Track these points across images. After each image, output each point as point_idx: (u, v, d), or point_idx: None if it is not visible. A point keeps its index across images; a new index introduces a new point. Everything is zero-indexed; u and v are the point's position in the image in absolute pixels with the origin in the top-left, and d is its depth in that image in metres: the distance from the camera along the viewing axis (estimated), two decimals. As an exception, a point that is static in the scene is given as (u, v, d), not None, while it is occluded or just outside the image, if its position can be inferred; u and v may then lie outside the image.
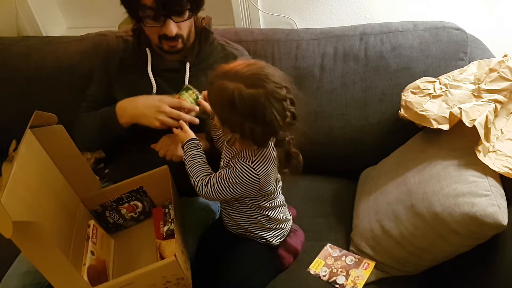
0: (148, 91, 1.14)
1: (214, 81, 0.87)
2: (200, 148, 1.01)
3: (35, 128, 0.97)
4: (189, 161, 0.99)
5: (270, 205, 1.01)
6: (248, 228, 1.04)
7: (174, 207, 1.03)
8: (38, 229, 0.74)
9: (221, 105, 0.86)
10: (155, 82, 1.14)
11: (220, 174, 0.94)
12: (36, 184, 0.92)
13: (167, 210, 1.12)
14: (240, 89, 0.82)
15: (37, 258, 0.79)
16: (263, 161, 0.92)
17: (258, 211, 1.01)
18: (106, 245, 1.08)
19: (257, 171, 0.91)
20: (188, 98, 1.07)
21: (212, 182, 0.94)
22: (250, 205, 1.00)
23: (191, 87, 1.08)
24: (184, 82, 1.14)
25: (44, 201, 0.94)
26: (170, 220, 1.08)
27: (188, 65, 1.15)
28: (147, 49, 1.15)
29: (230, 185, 0.92)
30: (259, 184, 0.92)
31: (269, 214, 1.02)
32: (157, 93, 1.14)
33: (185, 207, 1.18)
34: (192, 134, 1.02)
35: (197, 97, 1.07)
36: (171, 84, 1.16)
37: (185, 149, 1.00)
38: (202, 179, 0.96)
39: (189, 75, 1.14)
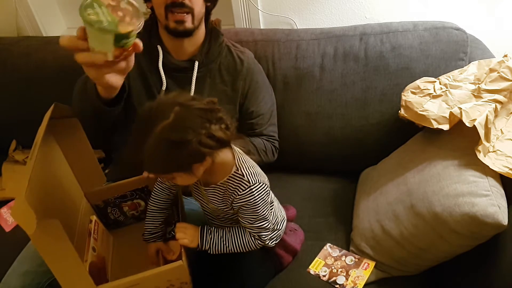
0: (157, 87, 1.14)
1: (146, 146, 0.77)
2: (212, 228, 0.97)
3: (51, 120, 0.93)
4: (222, 245, 0.96)
5: None
6: None
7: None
8: (57, 226, 0.72)
9: (167, 152, 0.76)
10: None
11: (250, 219, 0.92)
12: (49, 178, 0.92)
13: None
14: (162, 126, 0.75)
15: (50, 254, 0.76)
16: (251, 168, 0.91)
17: None
18: (106, 242, 1.07)
19: (260, 177, 0.91)
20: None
21: (258, 232, 0.94)
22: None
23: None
24: (192, 81, 1.13)
25: (54, 194, 0.93)
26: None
27: (196, 63, 1.14)
28: (158, 46, 1.15)
29: (266, 212, 0.92)
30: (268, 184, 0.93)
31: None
32: (165, 91, 1.13)
33: (185, 207, 1.18)
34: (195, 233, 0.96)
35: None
36: (179, 84, 1.15)
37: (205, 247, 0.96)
38: (250, 240, 0.96)
39: (197, 75, 1.14)
